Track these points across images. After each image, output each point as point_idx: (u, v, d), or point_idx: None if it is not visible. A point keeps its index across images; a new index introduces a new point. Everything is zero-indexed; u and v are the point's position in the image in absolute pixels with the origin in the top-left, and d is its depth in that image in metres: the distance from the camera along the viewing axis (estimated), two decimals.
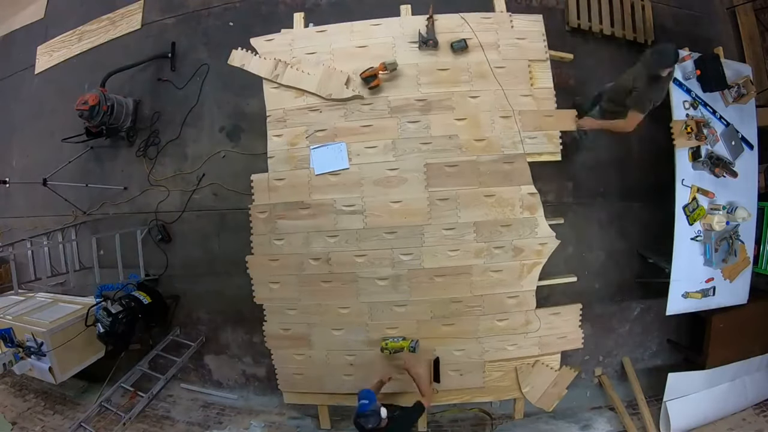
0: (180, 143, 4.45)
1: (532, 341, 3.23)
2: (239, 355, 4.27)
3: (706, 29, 4.42)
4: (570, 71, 4.02)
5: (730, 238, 3.51)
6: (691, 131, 3.38)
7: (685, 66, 3.50)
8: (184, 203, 4.37)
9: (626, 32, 4.15)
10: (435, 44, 3.13)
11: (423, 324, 3.21)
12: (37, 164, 4.86)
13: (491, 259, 3.14)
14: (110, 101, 4.21)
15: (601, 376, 4.08)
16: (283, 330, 3.31)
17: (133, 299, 3.85)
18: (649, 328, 4.18)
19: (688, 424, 3.67)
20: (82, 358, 3.84)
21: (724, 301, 3.60)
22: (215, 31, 4.50)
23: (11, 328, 3.61)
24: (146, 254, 4.34)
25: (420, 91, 3.16)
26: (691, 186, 3.45)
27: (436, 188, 3.13)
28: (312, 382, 3.35)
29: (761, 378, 3.91)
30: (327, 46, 3.23)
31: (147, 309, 3.90)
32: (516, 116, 3.13)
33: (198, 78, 4.45)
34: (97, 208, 4.65)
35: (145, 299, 3.93)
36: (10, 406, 4.33)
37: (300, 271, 3.23)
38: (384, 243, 3.15)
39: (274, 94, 3.27)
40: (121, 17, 4.85)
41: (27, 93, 5.28)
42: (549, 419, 3.83)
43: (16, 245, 4.08)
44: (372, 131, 3.17)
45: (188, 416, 4.13)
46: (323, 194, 3.18)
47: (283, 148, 3.24)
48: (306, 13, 3.38)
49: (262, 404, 4.18)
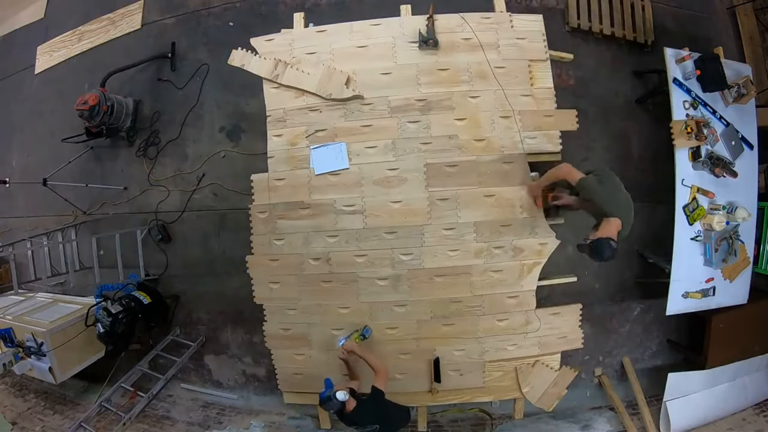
0: (180, 143, 4.45)
1: (532, 341, 3.23)
2: (239, 355, 4.27)
3: (706, 29, 4.42)
4: (570, 71, 4.02)
5: (730, 238, 3.51)
6: (691, 131, 3.39)
7: (685, 66, 3.50)
8: (184, 203, 4.37)
9: (626, 32, 4.15)
10: (435, 44, 3.14)
11: (423, 324, 3.21)
12: (37, 164, 4.85)
13: (491, 259, 3.14)
14: (110, 101, 4.21)
15: (601, 376, 4.08)
16: (283, 330, 3.31)
17: (133, 299, 3.84)
18: (649, 328, 4.18)
19: (688, 424, 3.67)
20: (82, 358, 3.83)
21: (724, 301, 3.60)
22: (215, 31, 4.50)
23: (11, 328, 3.61)
24: (146, 254, 4.34)
25: (420, 91, 3.17)
26: (691, 186, 3.45)
27: (436, 188, 3.13)
28: (312, 382, 3.35)
29: (761, 378, 3.91)
30: (327, 46, 3.24)
31: (147, 309, 3.90)
32: (516, 116, 3.13)
33: (198, 78, 4.44)
34: (97, 208, 4.65)
35: (145, 299, 3.92)
36: (10, 406, 4.33)
37: (300, 271, 3.23)
38: (384, 243, 3.15)
39: (274, 94, 3.27)
40: (121, 17, 4.84)
41: (27, 93, 5.28)
42: (549, 419, 3.83)
43: (16, 245, 4.08)
44: (372, 131, 3.17)
45: (188, 416, 4.13)
46: (323, 194, 3.19)
47: (283, 148, 3.24)
48: (306, 13, 3.38)
49: (262, 404, 4.18)
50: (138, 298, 3.90)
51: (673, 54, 3.55)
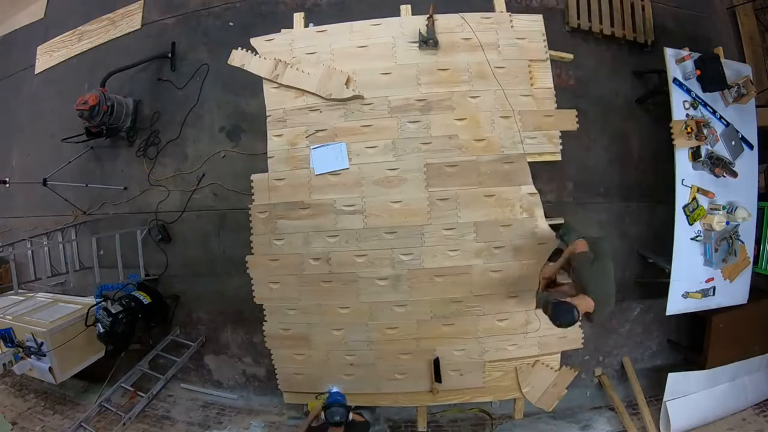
0: (180, 143, 4.44)
1: (532, 341, 3.23)
2: (239, 355, 4.27)
3: (706, 29, 4.42)
4: (570, 71, 4.02)
5: (730, 238, 3.51)
6: (691, 131, 3.38)
7: (685, 66, 3.50)
8: (184, 203, 4.37)
9: (626, 32, 4.14)
10: (435, 44, 3.14)
11: (423, 324, 3.21)
12: (37, 164, 4.85)
13: (491, 259, 3.14)
14: (110, 101, 4.20)
15: (601, 376, 4.08)
16: (283, 330, 3.31)
17: (133, 299, 3.84)
18: (649, 328, 4.17)
19: (688, 424, 3.67)
20: (82, 358, 3.83)
21: (724, 301, 3.59)
22: (215, 31, 4.49)
23: (11, 328, 3.61)
24: (146, 254, 4.33)
25: (420, 91, 3.17)
26: (691, 186, 3.45)
27: (436, 188, 3.13)
28: (312, 382, 3.35)
29: (761, 378, 3.91)
30: (327, 46, 3.24)
31: (147, 309, 3.90)
32: (516, 116, 3.13)
33: (198, 78, 4.44)
34: (97, 208, 4.65)
35: (145, 299, 3.92)
36: (10, 406, 4.33)
37: (300, 271, 3.23)
38: (384, 243, 3.15)
39: (274, 94, 3.27)
40: (121, 17, 4.84)
41: (27, 93, 5.27)
42: (549, 419, 3.83)
43: (16, 245, 4.07)
44: (372, 131, 3.17)
45: (188, 416, 4.13)
46: (323, 194, 3.19)
47: (283, 148, 3.24)
48: (306, 13, 3.39)
49: (262, 404, 4.17)
50: (138, 298, 3.89)
51: (673, 54, 3.54)
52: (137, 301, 3.86)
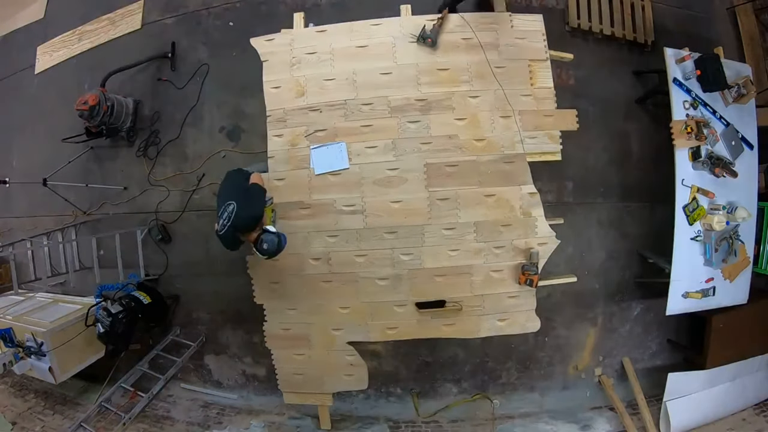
0: (180, 143, 4.44)
1: None
2: (239, 355, 4.27)
3: (706, 29, 4.42)
4: (570, 71, 4.02)
5: (730, 238, 3.51)
6: (691, 131, 3.39)
7: (685, 66, 3.50)
8: (184, 203, 4.37)
9: (626, 32, 4.15)
10: (433, 44, 3.13)
11: (423, 324, 3.21)
12: (37, 164, 4.84)
13: (491, 259, 3.14)
14: (110, 101, 4.20)
15: (601, 376, 4.08)
16: (283, 330, 3.31)
17: (133, 299, 3.84)
18: (649, 328, 4.18)
19: (688, 424, 3.67)
20: (82, 358, 3.83)
21: (724, 301, 3.60)
22: (215, 31, 4.49)
23: (11, 328, 3.60)
24: (146, 254, 4.33)
25: (420, 91, 3.17)
26: (691, 186, 3.45)
27: (436, 188, 3.13)
28: (312, 382, 3.35)
29: (761, 378, 3.91)
30: (327, 46, 3.24)
31: (147, 309, 3.89)
32: (516, 116, 3.13)
33: (198, 78, 4.44)
34: (97, 208, 4.64)
35: (145, 299, 3.92)
36: (10, 406, 4.32)
37: (300, 271, 3.23)
38: (384, 243, 3.15)
39: (274, 94, 3.27)
40: (121, 17, 4.83)
41: (27, 93, 5.27)
42: (549, 419, 3.83)
43: (16, 245, 4.07)
44: (372, 131, 3.17)
45: (188, 416, 4.13)
46: (323, 194, 3.19)
47: (283, 148, 3.24)
48: (306, 13, 3.38)
49: (262, 404, 4.18)
50: (138, 298, 3.89)
51: (673, 54, 3.55)
52: (137, 301, 3.86)
